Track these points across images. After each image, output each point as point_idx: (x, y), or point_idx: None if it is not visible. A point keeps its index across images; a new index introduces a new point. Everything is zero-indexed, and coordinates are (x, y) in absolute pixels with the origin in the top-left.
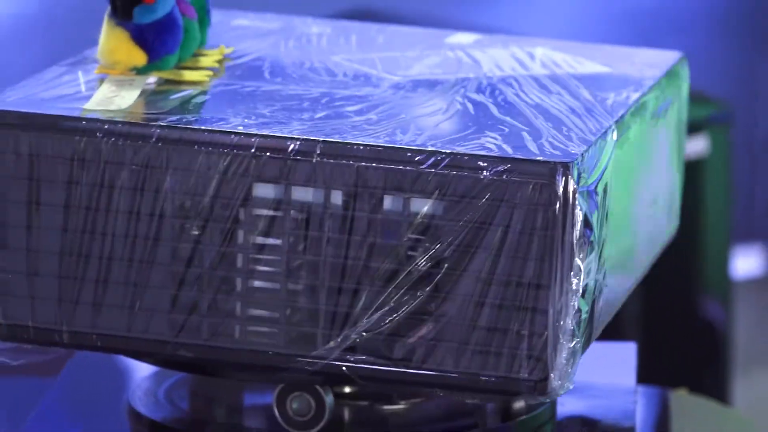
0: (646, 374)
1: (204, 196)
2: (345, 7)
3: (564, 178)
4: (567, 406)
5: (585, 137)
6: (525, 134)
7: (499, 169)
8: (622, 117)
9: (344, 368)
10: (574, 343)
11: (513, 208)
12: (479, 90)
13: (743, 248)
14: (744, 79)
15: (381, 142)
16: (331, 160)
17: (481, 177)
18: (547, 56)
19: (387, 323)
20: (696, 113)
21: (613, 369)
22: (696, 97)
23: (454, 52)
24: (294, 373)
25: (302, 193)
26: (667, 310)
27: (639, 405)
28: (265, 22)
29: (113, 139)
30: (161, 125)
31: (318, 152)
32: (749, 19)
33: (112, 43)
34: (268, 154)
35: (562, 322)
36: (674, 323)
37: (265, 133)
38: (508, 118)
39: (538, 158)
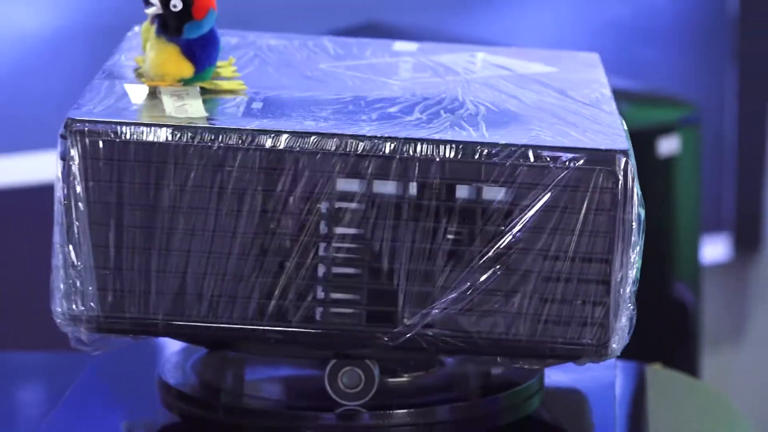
0: (624, 350)
1: (292, 192)
2: (353, 22)
3: (624, 164)
4: (553, 378)
5: (614, 129)
6: (563, 127)
7: (567, 158)
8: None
9: (423, 343)
10: (630, 309)
11: (580, 192)
12: (474, 90)
13: (711, 237)
14: (712, 85)
15: (452, 138)
16: (416, 156)
17: (551, 166)
18: (491, 60)
19: (464, 301)
20: (668, 116)
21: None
22: (669, 101)
23: (416, 59)
24: (375, 349)
25: (381, 186)
26: (643, 293)
27: (618, 378)
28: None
29: (208, 144)
30: (254, 130)
31: (403, 149)
32: (716, 31)
33: (163, 57)
34: (355, 152)
35: (621, 291)
36: (650, 305)
37: (348, 132)
38: (534, 114)
39: (601, 147)
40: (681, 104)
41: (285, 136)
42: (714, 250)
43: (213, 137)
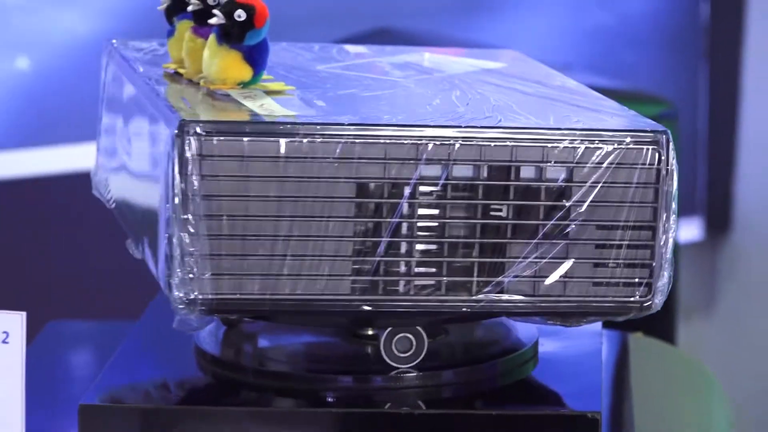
0: (608, 321)
1: (382, 178)
2: (364, 28)
3: (666, 143)
4: (546, 346)
5: (629, 112)
6: (588, 113)
7: (618, 138)
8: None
9: (496, 309)
10: (669, 269)
11: (628, 168)
12: (472, 85)
13: (685, 220)
14: (686, 83)
15: (516, 125)
16: (488, 142)
17: (606, 147)
18: (443, 59)
19: (530, 269)
20: (649, 111)
21: None
22: (648, 99)
23: (380, 59)
24: (453, 316)
25: (457, 170)
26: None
27: (604, 345)
28: None
29: (310, 138)
30: (345, 124)
31: (475, 136)
32: (689, 36)
33: (226, 62)
34: (435, 142)
35: (663, 254)
36: None
37: (427, 123)
38: (546, 102)
39: (646, 129)
40: (659, 101)
41: (381, 128)
42: (688, 231)
43: (316, 131)
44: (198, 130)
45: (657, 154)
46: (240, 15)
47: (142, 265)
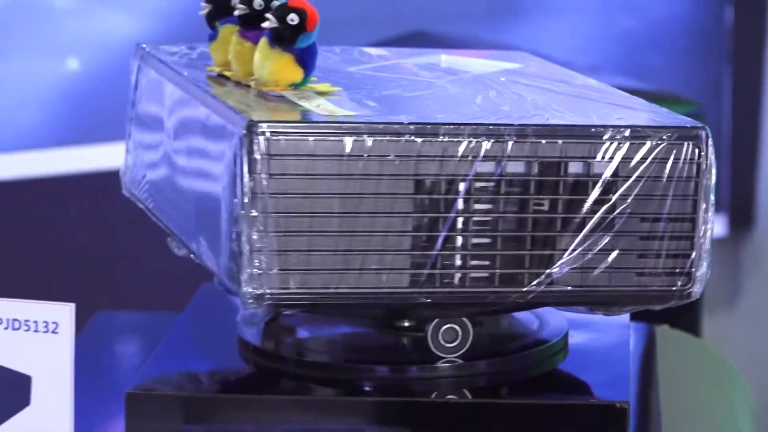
0: (636, 314)
1: (441, 175)
2: (400, 31)
3: (706, 138)
4: (575, 338)
5: (668, 111)
6: (624, 110)
7: (663, 135)
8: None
9: (546, 299)
10: (708, 259)
11: (671, 163)
12: (503, 85)
13: None
14: (711, 85)
15: (565, 123)
16: (540, 140)
17: (649, 142)
18: (456, 61)
19: (578, 261)
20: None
21: None
22: (674, 100)
23: (402, 62)
24: (505, 306)
25: (510, 166)
26: None
27: (631, 337)
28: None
29: (373, 136)
30: (406, 123)
31: (529, 134)
32: (714, 38)
33: (278, 65)
34: (491, 140)
35: (703, 244)
36: None
37: (481, 122)
38: (583, 100)
39: (687, 125)
40: (685, 102)
41: (440, 126)
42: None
43: (379, 130)
44: (267, 130)
45: (697, 149)
46: (293, 19)
47: (186, 259)
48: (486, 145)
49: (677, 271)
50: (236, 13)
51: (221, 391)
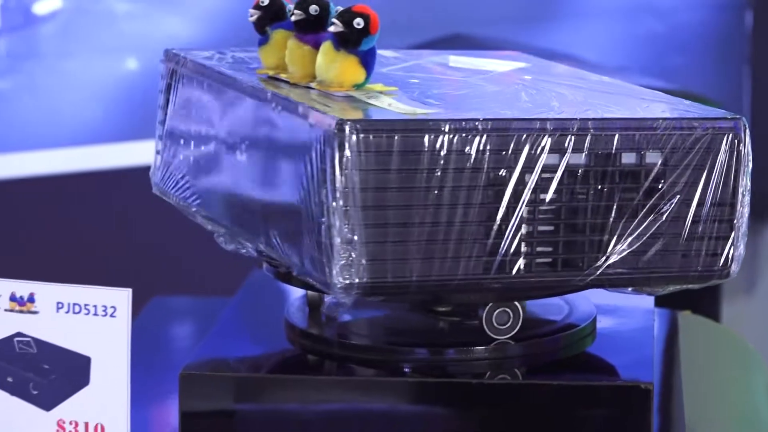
0: (659, 300)
1: (513, 167)
2: (438, 34)
3: (745, 129)
4: (603, 322)
5: (695, 104)
6: (660, 104)
7: (707, 126)
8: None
9: (604, 281)
10: (744, 240)
11: (714, 152)
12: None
13: None
14: (732, 85)
15: (619, 116)
16: (600, 133)
17: (695, 133)
18: (466, 61)
19: (632, 245)
20: None
21: (637, 297)
22: (696, 98)
23: (422, 62)
24: (566, 289)
25: (574, 158)
26: None
27: (656, 322)
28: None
29: (452, 132)
30: (481, 119)
31: (590, 128)
32: (734, 42)
33: (344, 66)
34: (557, 133)
35: (741, 227)
36: None
37: (547, 117)
38: (614, 95)
39: (728, 116)
40: (706, 101)
41: (511, 122)
42: None
43: (459, 126)
44: (357, 128)
45: (737, 139)
46: (359, 23)
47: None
48: (552, 138)
49: (718, 252)
50: (293, 18)
51: (269, 371)
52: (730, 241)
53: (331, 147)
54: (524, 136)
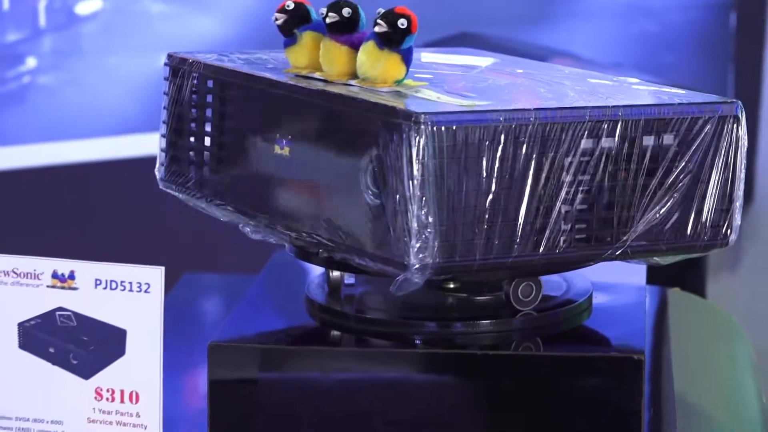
0: (650, 277)
1: (557, 152)
2: (447, 33)
3: (742, 112)
4: (598, 298)
5: (687, 91)
6: (666, 92)
7: (712, 109)
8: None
9: (629, 252)
10: (740, 212)
11: (719, 133)
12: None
13: None
14: (717, 80)
15: (643, 103)
16: (629, 119)
17: (704, 116)
18: (439, 59)
19: (655, 219)
20: None
21: (630, 275)
22: None
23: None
24: (597, 261)
25: (606, 142)
26: None
27: (647, 298)
28: (229, 55)
29: (510, 122)
30: (532, 109)
31: (620, 114)
32: (720, 42)
33: (388, 64)
34: (595, 119)
35: (738, 201)
36: None
37: (587, 105)
38: (623, 88)
39: (726, 100)
40: None
41: (559, 111)
42: None
43: (516, 116)
44: (431, 120)
45: (736, 121)
46: (403, 23)
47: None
48: (590, 124)
49: (720, 223)
50: (327, 20)
51: (291, 343)
52: (730, 213)
53: (408, 138)
54: (568, 123)
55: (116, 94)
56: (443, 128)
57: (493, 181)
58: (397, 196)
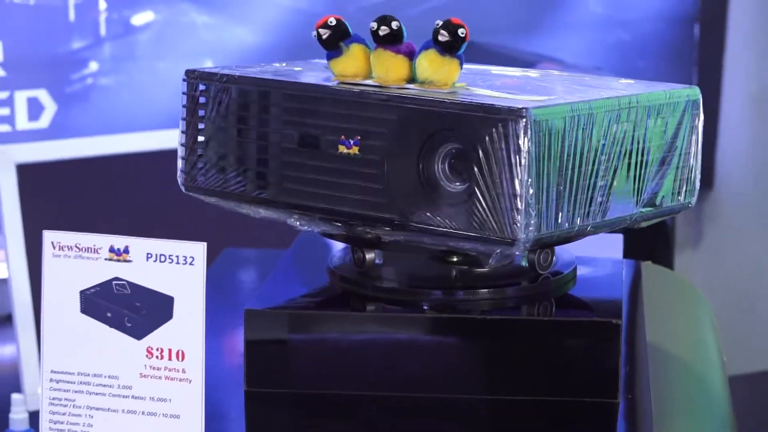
0: (626, 252)
1: (600, 136)
2: None
3: (699, 95)
4: (581, 270)
5: (651, 82)
6: (644, 85)
7: (683, 95)
8: None
9: (637, 221)
10: (699, 177)
11: (688, 112)
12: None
13: None
14: (682, 82)
15: (644, 92)
16: (636, 107)
17: (681, 99)
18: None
19: (655, 189)
20: None
21: (609, 250)
22: None
23: None
24: (619, 229)
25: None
26: None
27: (624, 270)
28: (257, 66)
29: (579, 113)
30: (587, 101)
31: (630, 102)
32: (686, 48)
33: (451, 68)
34: (621, 107)
35: (698, 168)
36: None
37: (614, 96)
38: (601, 81)
39: (688, 87)
40: None
41: (603, 102)
42: None
43: (580, 109)
44: (534, 113)
45: (696, 102)
46: (462, 32)
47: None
48: (620, 111)
49: (687, 189)
50: (381, 33)
51: (316, 309)
52: (693, 179)
53: (515, 129)
54: (606, 111)
55: (165, 94)
56: (541, 120)
57: (570, 162)
58: (502, 181)
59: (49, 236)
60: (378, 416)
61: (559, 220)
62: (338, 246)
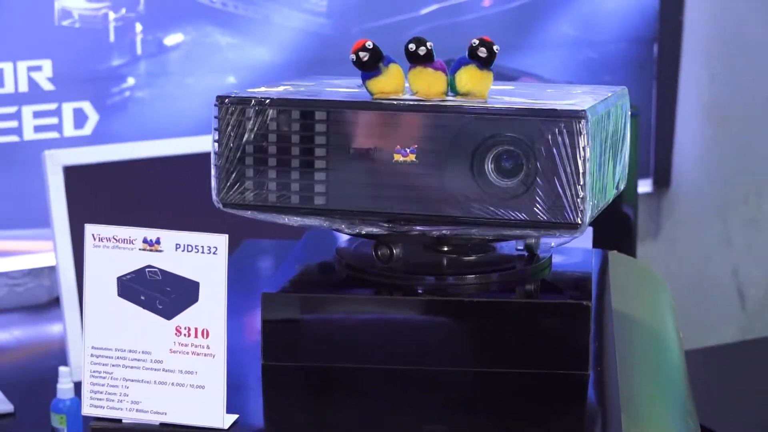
0: (595, 242)
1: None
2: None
3: (586, 119)
4: (556, 258)
5: (594, 86)
6: (591, 87)
7: (622, 94)
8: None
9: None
10: (626, 170)
11: (625, 109)
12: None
13: (642, 179)
14: (644, 94)
15: (610, 95)
16: (612, 107)
17: (623, 99)
18: None
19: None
20: None
21: (579, 240)
22: None
23: None
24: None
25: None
26: (608, 210)
27: (593, 257)
28: (287, 84)
29: (597, 113)
30: (607, 96)
31: (612, 102)
32: (646, 64)
33: (488, 81)
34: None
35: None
36: (610, 217)
37: (605, 98)
38: (562, 89)
39: (623, 89)
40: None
41: (611, 98)
42: (643, 187)
43: (602, 106)
44: (586, 114)
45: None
46: (497, 48)
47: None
48: (609, 110)
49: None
50: (420, 52)
51: (324, 291)
52: (624, 168)
53: (578, 129)
54: (607, 110)
55: (193, 105)
56: (590, 120)
57: (597, 151)
58: (566, 174)
59: (90, 229)
60: (378, 386)
61: (595, 202)
62: (344, 237)
